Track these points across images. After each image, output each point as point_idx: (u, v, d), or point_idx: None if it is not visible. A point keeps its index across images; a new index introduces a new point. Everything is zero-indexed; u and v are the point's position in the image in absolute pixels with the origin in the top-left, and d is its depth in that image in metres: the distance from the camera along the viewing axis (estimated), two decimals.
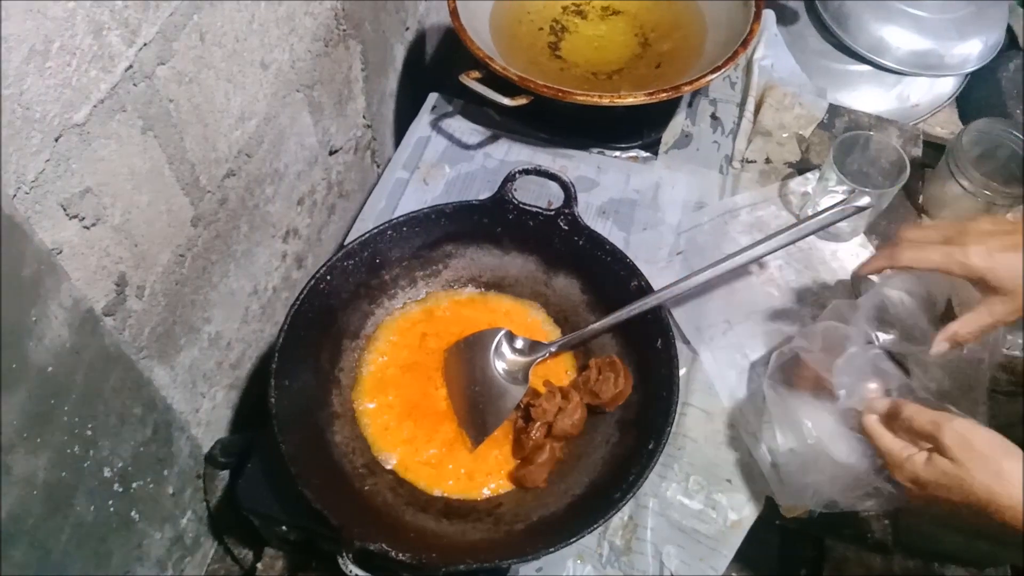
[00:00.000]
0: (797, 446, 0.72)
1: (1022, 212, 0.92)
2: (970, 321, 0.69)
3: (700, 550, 0.74)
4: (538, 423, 0.75)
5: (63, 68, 0.51)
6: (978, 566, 0.79)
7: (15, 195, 0.50)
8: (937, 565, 0.80)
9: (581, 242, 0.83)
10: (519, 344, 0.80)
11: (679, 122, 1.06)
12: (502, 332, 0.80)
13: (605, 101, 0.90)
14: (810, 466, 0.71)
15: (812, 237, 0.94)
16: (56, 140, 0.52)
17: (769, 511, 0.77)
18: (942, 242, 0.69)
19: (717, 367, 0.84)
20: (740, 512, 0.76)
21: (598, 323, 0.80)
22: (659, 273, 0.90)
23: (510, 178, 0.83)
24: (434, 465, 0.76)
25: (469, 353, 0.81)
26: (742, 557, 0.77)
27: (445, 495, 0.75)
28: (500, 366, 0.79)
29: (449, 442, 0.78)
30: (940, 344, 0.70)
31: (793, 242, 0.80)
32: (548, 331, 0.85)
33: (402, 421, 0.78)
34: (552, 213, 0.83)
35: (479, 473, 0.76)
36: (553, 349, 0.81)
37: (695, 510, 0.76)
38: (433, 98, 1.09)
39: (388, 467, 0.76)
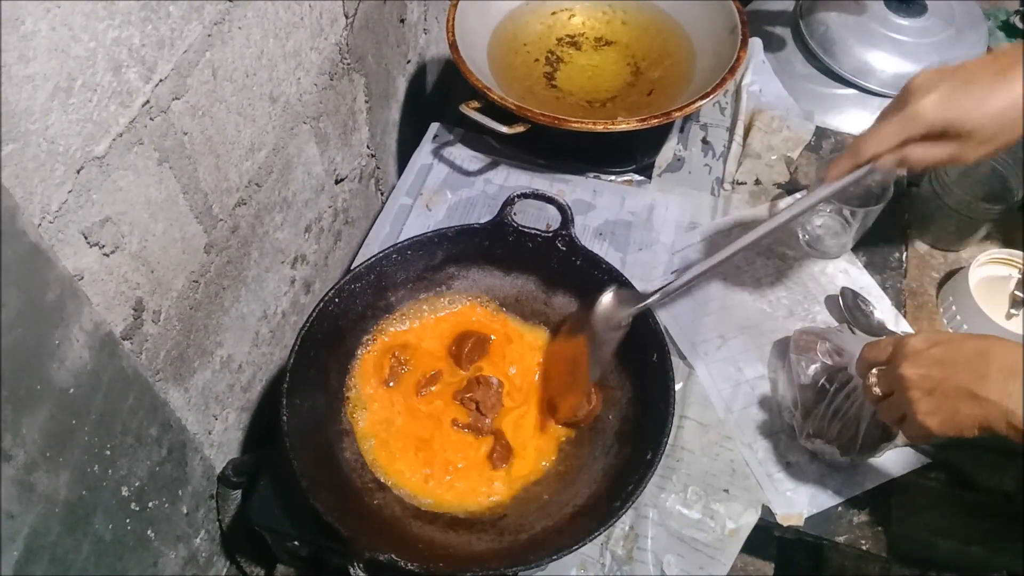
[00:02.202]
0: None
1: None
2: (928, 151, 0.69)
3: (699, 558, 0.75)
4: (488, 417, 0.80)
5: (85, 104, 0.53)
6: (973, 573, 0.80)
7: (40, 224, 0.52)
8: (934, 573, 0.81)
9: (578, 262, 0.85)
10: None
11: (671, 146, 1.08)
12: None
13: (599, 128, 0.92)
14: None
15: (802, 255, 0.97)
16: (78, 172, 0.54)
17: (766, 520, 0.78)
18: (894, 121, 0.68)
19: (712, 381, 0.86)
20: (737, 521, 0.77)
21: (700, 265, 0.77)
22: None
23: (509, 202, 0.85)
24: (435, 483, 0.77)
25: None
26: (740, 565, 0.79)
27: (450, 510, 0.76)
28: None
29: (446, 461, 0.78)
30: (888, 160, 0.70)
31: (793, 219, 0.75)
32: None
33: (404, 447, 0.79)
34: (550, 235, 0.85)
35: (482, 485, 0.77)
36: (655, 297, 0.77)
37: (694, 519, 0.78)
38: (434, 127, 1.12)
39: (391, 484, 0.77)
